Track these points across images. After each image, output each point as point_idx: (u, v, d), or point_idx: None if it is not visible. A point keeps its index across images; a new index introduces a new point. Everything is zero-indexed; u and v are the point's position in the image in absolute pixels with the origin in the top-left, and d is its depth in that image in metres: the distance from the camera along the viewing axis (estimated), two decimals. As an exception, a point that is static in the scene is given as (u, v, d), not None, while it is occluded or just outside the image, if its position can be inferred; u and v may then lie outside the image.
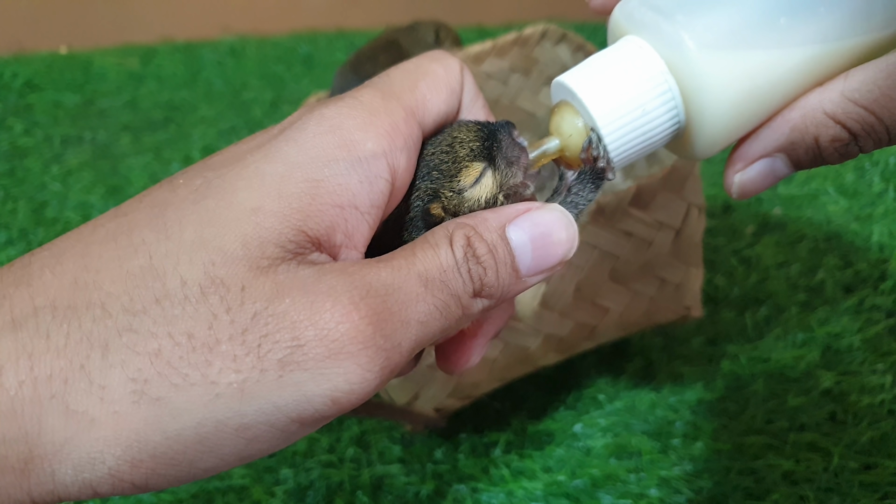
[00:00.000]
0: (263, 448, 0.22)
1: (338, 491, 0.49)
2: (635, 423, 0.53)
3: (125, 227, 0.23)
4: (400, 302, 0.23)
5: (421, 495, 0.48)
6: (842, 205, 0.73)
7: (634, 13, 0.28)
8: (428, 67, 0.28)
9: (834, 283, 0.64)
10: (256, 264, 0.22)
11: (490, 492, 0.48)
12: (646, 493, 0.47)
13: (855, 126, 0.26)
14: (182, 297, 0.21)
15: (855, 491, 0.46)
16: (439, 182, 0.27)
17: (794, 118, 0.27)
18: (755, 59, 0.26)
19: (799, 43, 0.26)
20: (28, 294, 0.22)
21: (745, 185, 0.29)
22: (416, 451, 0.52)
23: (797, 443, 0.49)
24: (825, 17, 0.26)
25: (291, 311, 0.22)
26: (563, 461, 0.50)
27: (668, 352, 0.60)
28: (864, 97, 0.25)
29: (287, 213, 0.23)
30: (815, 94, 0.27)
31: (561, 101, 0.29)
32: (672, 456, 0.50)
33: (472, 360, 0.29)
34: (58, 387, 0.20)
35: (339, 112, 0.25)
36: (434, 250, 0.24)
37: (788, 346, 0.58)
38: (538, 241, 0.26)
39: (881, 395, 0.52)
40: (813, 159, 0.27)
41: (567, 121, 0.29)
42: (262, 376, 0.21)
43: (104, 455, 0.21)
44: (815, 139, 0.27)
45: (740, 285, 0.65)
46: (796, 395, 0.53)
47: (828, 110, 0.26)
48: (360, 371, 0.22)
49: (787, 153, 0.28)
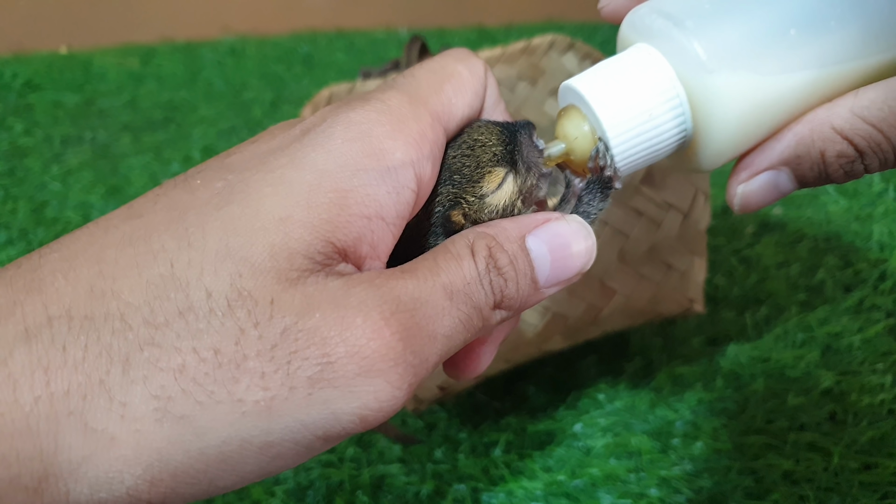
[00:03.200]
0: (284, 465, 0.22)
1: (338, 491, 0.49)
2: (635, 423, 0.53)
3: (141, 230, 0.22)
4: (427, 316, 0.23)
5: (421, 495, 0.48)
6: (842, 205, 0.73)
7: (646, 21, 0.28)
8: (453, 69, 0.27)
9: (834, 282, 0.64)
10: (285, 276, 0.21)
11: (490, 492, 0.48)
12: (646, 493, 0.47)
13: (862, 143, 0.26)
14: (207, 311, 0.21)
15: (855, 491, 0.46)
16: (461, 186, 0.27)
17: (801, 132, 0.27)
18: (765, 72, 0.26)
19: (810, 56, 0.26)
20: (41, 302, 0.21)
21: (747, 197, 0.28)
22: (416, 451, 0.52)
23: (797, 443, 0.49)
24: (837, 33, 0.26)
25: (322, 327, 0.21)
26: (563, 461, 0.50)
27: (668, 352, 0.60)
28: (874, 115, 0.25)
29: (316, 224, 0.22)
30: (823, 110, 0.26)
31: (568, 105, 0.29)
32: (672, 456, 0.50)
33: (481, 367, 0.29)
34: (76, 403, 0.20)
35: (368, 118, 0.24)
36: (457, 261, 0.24)
37: (788, 345, 0.58)
38: (557, 253, 0.26)
39: (881, 395, 0.52)
40: (818, 176, 0.27)
41: (574, 125, 0.28)
42: (291, 394, 0.21)
43: (123, 475, 0.20)
44: (822, 154, 0.26)
45: (740, 285, 0.65)
46: (796, 395, 0.53)
47: (836, 125, 0.26)
48: (389, 388, 0.22)
49: (792, 167, 0.27)
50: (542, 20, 1.41)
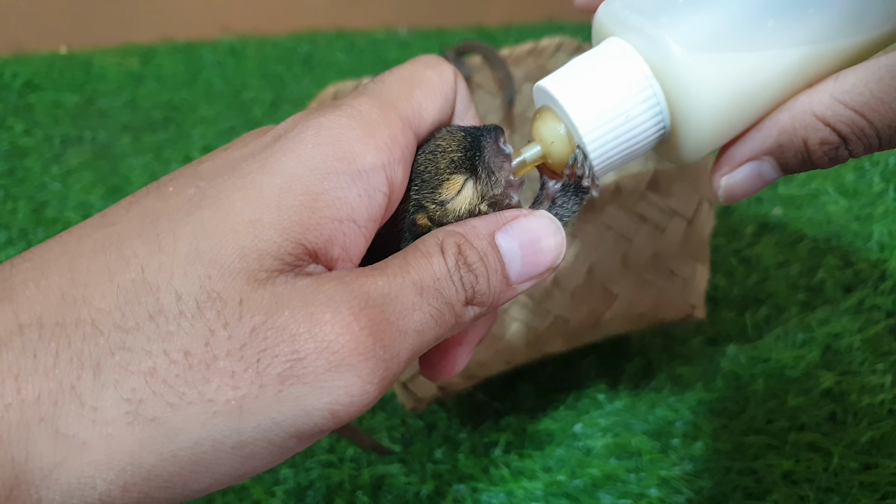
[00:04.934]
0: (259, 465, 0.22)
1: (338, 491, 0.49)
2: (635, 423, 0.53)
3: (114, 237, 0.22)
4: (397, 311, 0.23)
5: (421, 495, 0.48)
6: (842, 205, 0.73)
7: (618, 15, 0.27)
8: (423, 74, 0.27)
9: (834, 283, 0.64)
10: (254, 277, 0.22)
11: (490, 492, 0.48)
12: (646, 493, 0.47)
13: (845, 129, 0.25)
14: (177, 313, 0.21)
15: (855, 491, 0.46)
16: (422, 193, 0.27)
17: (782, 120, 0.26)
18: (742, 63, 0.26)
19: (787, 45, 0.26)
20: (11, 310, 0.21)
21: (731, 189, 0.28)
22: (416, 451, 0.52)
23: (797, 443, 0.49)
24: (814, 19, 0.26)
25: (291, 324, 0.21)
26: (563, 461, 0.50)
27: (668, 352, 0.60)
28: (855, 100, 0.25)
29: (286, 226, 0.22)
30: (804, 96, 0.26)
31: (543, 107, 0.28)
32: (672, 456, 0.50)
33: (457, 368, 0.29)
34: (47, 409, 0.19)
35: (338, 122, 0.24)
36: (426, 258, 0.24)
37: (788, 346, 0.58)
38: (527, 248, 0.26)
39: (881, 395, 0.52)
40: (801, 163, 0.27)
41: (549, 127, 0.28)
42: (261, 392, 0.21)
43: (95, 480, 0.20)
44: (804, 142, 0.26)
45: (740, 285, 0.65)
46: (796, 395, 0.53)
47: (817, 112, 0.26)
48: (360, 383, 0.22)
49: (775, 156, 0.27)
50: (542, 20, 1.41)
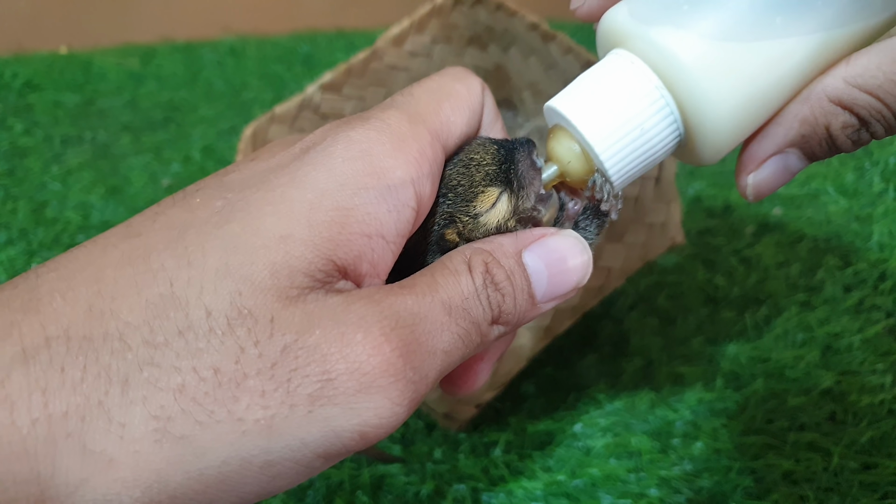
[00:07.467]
0: (284, 485, 0.22)
1: (338, 491, 0.49)
2: (635, 423, 0.53)
3: (140, 249, 0.22)
4: (427, 332, 0.23)
5: (421, 495, 0.48)
6: (842, 205, 0.73)
7: (623, 25, 0.27)
8: (451, 87, 0.27)
9: (834, 283, 0.64)
10: (285, 294, 0.21)
11: (490, 492, 0.48)
12: (646, 493, 0.47)
13: (863, 112, 0.25)
14: (207, 329, 0.21)
15: (855, 491, 0.46)
16: (455, 206, 0.27)
17: (802, 111, 0.26)
18: (752, 61, 0.25)
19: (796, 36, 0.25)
20: (38, 322, 0.20)
21: (759, 186, 0.28)
22: (416, 451, 0.52)
23: (797, 443, 0.49)
24: (822, 8, 0.25)
25: (322, 344, 0.21)
26: (563, 461, 0.50)
27: (668, 352, 0.59)
28: (869, 83, 0.25)
29: (317, 242, 0.22)
30: (818, 84, 0.26)
31: (555, 126, 0.28)
32: (672, 456, 0.50)
33: (478, 384, 0.29)
34: (74, 425, 0.19)
35: (368, 136, 0.24)
36: (455, 277, 0.24)
37: (788, 345, 0.58)
38: (554, 268, 0.26)
39: (881, 395, 0.52)
40: (828, 149, 0.27)
41: (564, 146, 0.27)
42: (292, 412, 0.21)
43: (121, 497, 0.20)
44: (827, 128, 0.26)
45: (740, 285, 0.65)
46: (796, 395, 0.53)
47: (834, 98, 0.26)
48: (390, 405, 0.21)
49: (800, 147, 0.27)
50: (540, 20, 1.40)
